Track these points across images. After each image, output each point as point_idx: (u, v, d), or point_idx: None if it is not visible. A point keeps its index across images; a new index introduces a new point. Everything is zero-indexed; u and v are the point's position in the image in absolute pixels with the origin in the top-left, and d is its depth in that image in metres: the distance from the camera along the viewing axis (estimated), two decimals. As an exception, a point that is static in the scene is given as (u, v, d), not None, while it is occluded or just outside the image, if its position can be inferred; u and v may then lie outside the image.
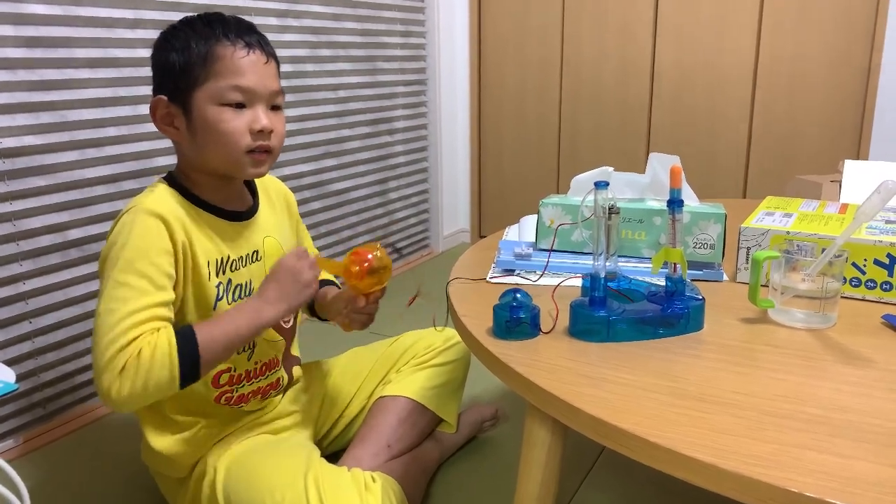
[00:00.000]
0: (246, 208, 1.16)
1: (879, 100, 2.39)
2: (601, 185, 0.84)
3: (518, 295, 0.88)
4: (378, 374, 1.39)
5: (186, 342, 0.94)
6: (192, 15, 1.06)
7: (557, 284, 0.99)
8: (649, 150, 2.80)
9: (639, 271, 1.07)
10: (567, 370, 0.78)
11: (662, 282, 0.92)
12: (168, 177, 1.10)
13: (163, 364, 0.92)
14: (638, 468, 1.42)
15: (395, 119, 2.77)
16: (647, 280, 0.99)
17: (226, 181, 1.11)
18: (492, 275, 1.11)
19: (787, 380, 0.74)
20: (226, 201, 1.12)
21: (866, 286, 0.98)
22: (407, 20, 2.76)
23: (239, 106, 1.02)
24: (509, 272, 1.12)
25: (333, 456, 1.29)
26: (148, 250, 0.97)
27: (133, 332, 0.92)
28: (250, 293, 1.13)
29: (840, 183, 1.42)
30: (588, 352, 0.83)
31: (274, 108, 1.07)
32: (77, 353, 1.66)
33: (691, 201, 1.16)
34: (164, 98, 1.04)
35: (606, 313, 0.85)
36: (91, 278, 1.66)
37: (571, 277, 1.04)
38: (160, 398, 0.96)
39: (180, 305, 1.04)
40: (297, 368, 1.32)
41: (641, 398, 0.71)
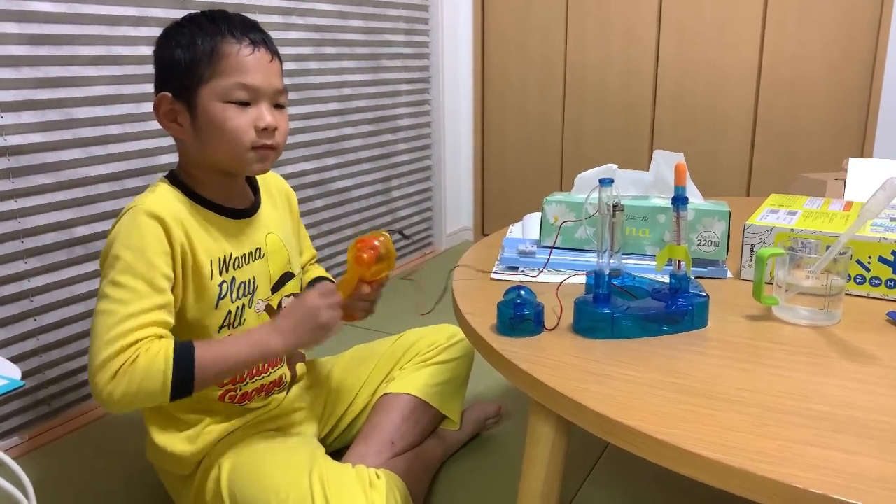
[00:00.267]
0: (248, 205, 1.16)
1: (884, 97, 2.38)
2: (605, 183, 0.84)
3: (522, 292, 0.88)
4: (382, 372, 1.39)
5: (183, 359, 0.95)
6: (196, 12, 1.07)
7: (561, 281, 0.99)
8: (652, 149, 2.80)
9: (643, 268, 1.07)
10: (571, 367, 0.78)
11: (666, 279, 0.92)
12: (170, 175, 1.10)
13: (156, 377, 0.93)
14: (642, 465, 1.42)
15: (399, 117, 2.77)
16: (651, 277, 0.99)
17: (228, 178, 1.11)
18: (495, 271, 1.11)
19: (792, 377, 0.74)
20: (228, 199, 1.12)
21: (871, 283, 0.98)
22: (411, 18, 2.76)
23: (243, 104, 1.03)
24: (513, 269, 1.12)
25: (337, 453, 1.29)
26: (146, 251, 0.98)
27: (131, 337, 0.93)
28: (254, 290, 1.13)
29: (844, 181, 1.42)
30: (592, 349, 0.83)
31: (277, 107, 1.07)
32: (81, 351, 1.66)
33: (695, 198, 1.16)
34: (169, 95, 1.04)
35: (610, 310, 0.85)
36: (95, 276, 1.66)
37: (575, 274, 1.04)
38: (151, 406, 0.97)
39: (181, 306, 1.05)
40: (301, 365, 1.33)
41: (646, 395, 0.71)
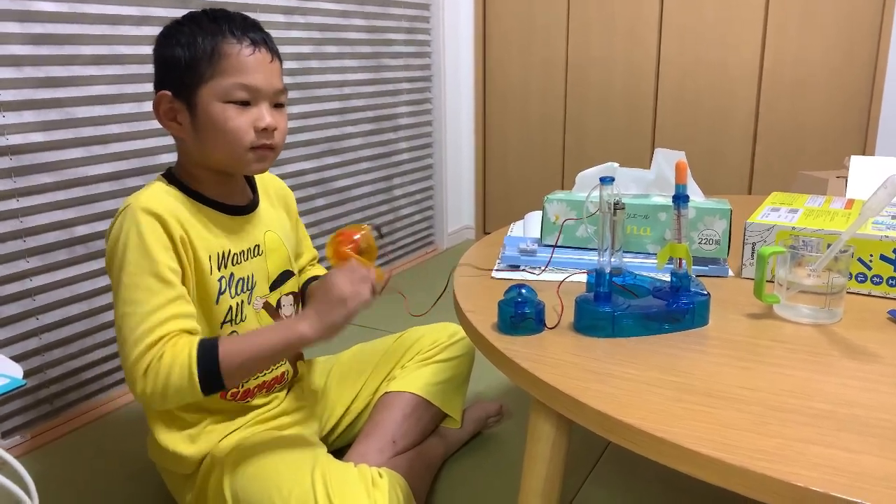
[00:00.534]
0: (246, 202, 1.16)
1: (886, 97, 2.38)
2: (606, 181, 0.84)
3: (523, 290, 0.88)
4: (383, 370, 1.40)
5: (207, 353, 0.96)
6: (197, 10, 1.06)
7: (562, 280, 0.99)
8: (654, 148, 2.79)
9: (644, 267, 1.07)
10: (572, 365, 0.78)
11: (667, 277, 0.92)
12: (167, 173, 1.11)
13: (182, 374, 0.95)
14: (643, 464, 1.42)
15: (400, 116, 2.77)
16: (652, 276, 0.99)
17: (227, 176, 1.12)
18: (496, 269, 1.11)
19: (793, 375, 0.74)
20: (226, 196, 1.12)
21: (872, 281, 0.98)
22: (412, 17, 2.76)
23: (243, 103, 1.03)
24: (514, 268, 1.12)
25: (339, 452, 1.29)
26: (148, 248, 0.99)
27: (155, 334, 0.95)
28: (252, 287, 1.13)
29: (846, 179, 1.42)
30: (593, 347, 0.83)
31: (277, 106, 1.07)
32: (84, 350, 1.66)
33: (697, 197, 1.16)
34: (168, 93, 1.04)
35: (611, 309, 0.85)
36: (97, 275, 1.66)
37: (576, 273, 1.04)
38: (188, 402, 0.98)
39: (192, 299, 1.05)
40: (303, 364, 1.33)
41: (647, 393, 0.71)
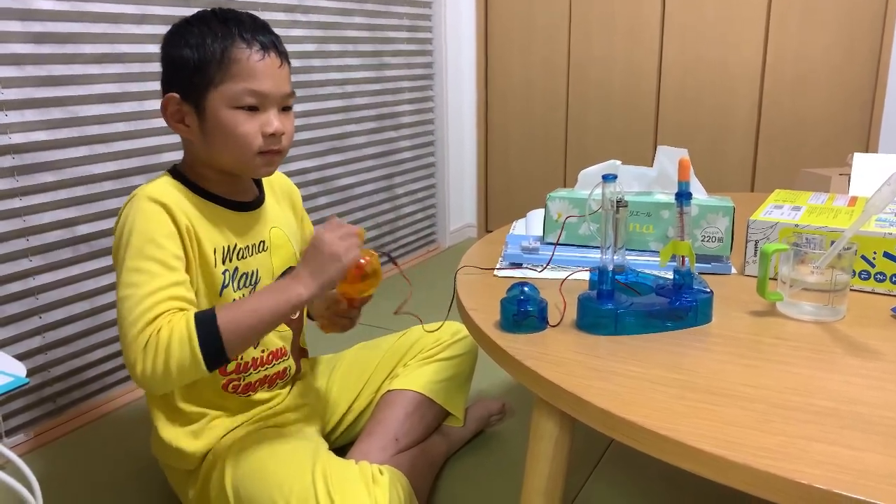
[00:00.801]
0: (252, 199, 1.16)
1: (889, 93, 2.37)
2: (609, 179, 0.84)
3: (525, 288, 0.88)
4: (385, 368, 1.40)
5: (205, 323, 0.93)
6: (205, 10, 1.06)
7: (565, 278, 0.99)
8: (656, 146, 2.79)
9: (647, 264, 1.07)
10: (575, 363, 0.78)
11: (670, 275, 0.92)
12: (172, 170, 1.11)
13: (182, 345, 0.91)
14: (646, 461, 1.42)
15: (402, 114, 2.77)
16: (655, 273, 0.98)
17: (233, 176, 1.12)
18: (499, 267, 1.11)
19: (796, 372, 0.74)
20: (232, 192, 1.12)
21: (875, 279, 0.98)
22: (414, 15, 2.76)
23: (252, 108, 1.03)
24: (516, 266, 1.11)
25: (341, 450, 1.29)
26: (153, 234, 0.98)
27: (154, 311, 0.93)
28: (256, 283, 1.13)
29: (849, 176, 1.41)
30: (596, 345, 0.82)
31: (284, 109, 1.08)
32: (87, 349, 1.67)
33: (699, 194, 1.16)
34: (177, 96, 1.04)
35: (614, 306, 0.85)
36: (100, 273, 1.67)
37: (579, 271, 1.04)
38: (192, 379, 0.95)
39: (195, 291, 1.05)
40: (305, 361, 1.33)
41: (650, 391, 0.71)
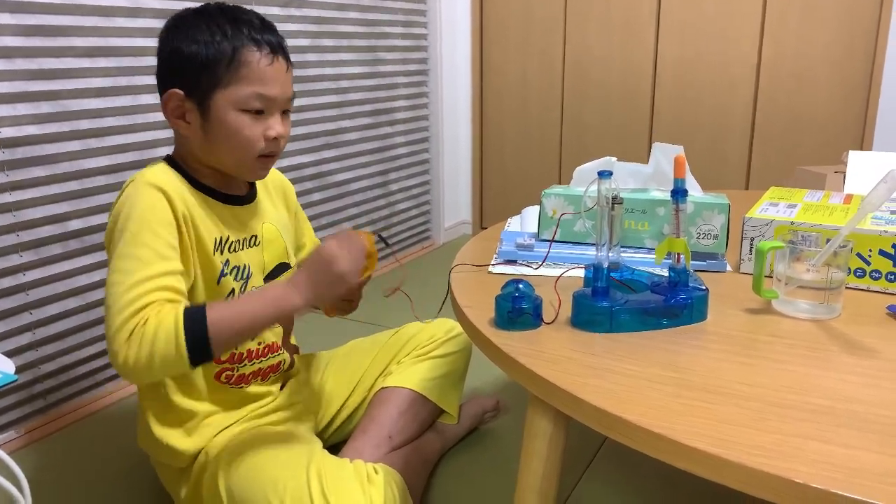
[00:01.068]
0: (244, 193, 1.16)
1: (884, 91, 2.37)
2: (604, 175, 0.84)
3: (520, 285, 0.87)
4: (379, 366, 1.39)
5: (194, 320, 0.91)
6: (210, 5, 1.04)
7: (560, 275, 0.99)
8: (652, 142, 2.79)
9: (642, 262, 1.07)
10: (570, 361, 0.77)
11: (666, 272, 0.91)
12: (168, 159, 1.10)
13: (168, 339, 0.89)
14: (640, 459, 1.42)
15: (397, 110, 2.76)
16: (651, 270, 0.98)
17: (226, 174, 1.11)
18: (493, 264, 1.10)
19: (792, 370, 0.74)
20: (225, 186, 1.12)
21: (871, 276, 0.97)
22: (409, 10, 2.75)
23: (258, 112, 1.03)
24: (511, 263, 1.11)
25: (334, 447, 1.29)
26: (151, 221, 0.97)
27: (142, 300, 0.91)
28: (248, 277, 1.12)
29: (844, 174, 1.41)
30: (591, 342, 0.82)
31: (284, 113, 1.07)
32: (78, 345, 1.65)
33: (695, 191, 1.15)
34: (180, 92, 1.02)
35: (609, 304, 0.84)
36: (91, 269, 1.65)
37: (574, 268, 1.04)
38: (174, 373, 0.94)
39: (192, 280, 1.04)
40: (297, 358, 1.32)
41: (646, 389, 0.70)
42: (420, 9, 2.81)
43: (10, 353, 1.50)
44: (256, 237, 1.15)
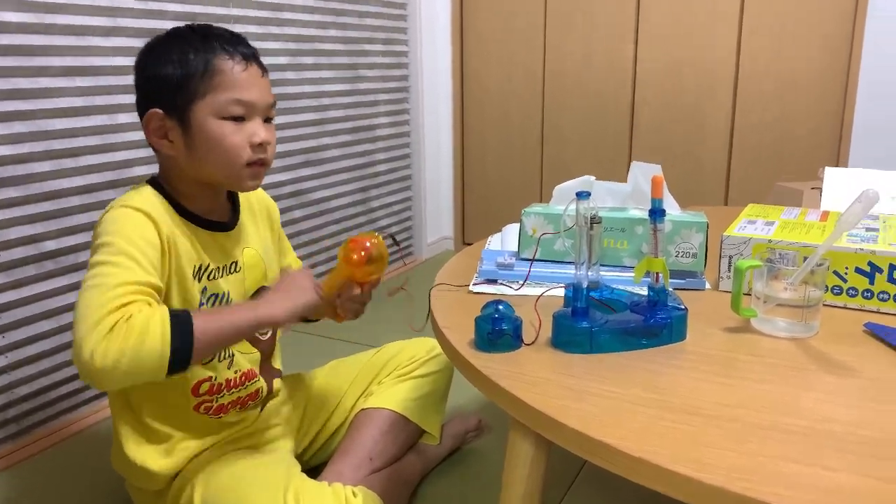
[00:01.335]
0: (227, 219, 1.14)
1: (858, 106, 2.41)
2: (583, 196, 0.84)
3: (500, 306, 0.87)
4: (360, 386, 1.38)
5: (182, 322, 0.89)
6: (181, 27, 1.05)
7: (540, 295, 0.99)
8: (632, 156, 2.81)
9: (621, 280, 1.07)
10: (550, 382, 0.77)
11: (644, 290, 0.91)
12: (152, 182, 1.08)
13: (154, 337, 0.86)
14: (622, 480, 1.41)
15: (378, 127, 2.75)
16: (629, 289, 0.98)
17: (214, 192, 1.11)
18: (474, 283, 1.10)
19: (771, 390, 0.74)
20: (208, 212, 1.10)
21: (848, 294, 0.98)
22: (389, 28, 2.75)
23: (238, 119, 1.02)
24: (491, 282, 1.11)
25: (316, 469, 1.27)
26: (136, 240, 0.95)
27: (124, 298, 0.88)
28: (228, 303, 1.11)
29: (821, 190, 1.43)
30: (571, 364, 0.82)
31: (267, 121, 1.07)
32: (53, 367, 1.62)
33: (673, 210, 1.16)
34: (160, 111, 1.02)
35: (589, 324, 0.84)
36: (66, 290, 1.62)
37: (554, 287, 1.03)
38: (143, 380, 0.89)
39: (165, 302, 1.02)
40: (278, 381, 1.30)
41: (626, 411, 0.70)
42: (400, 27, 2.82)
43: (-18, 378, 1.47)
44: (237, 263, 1.14)
